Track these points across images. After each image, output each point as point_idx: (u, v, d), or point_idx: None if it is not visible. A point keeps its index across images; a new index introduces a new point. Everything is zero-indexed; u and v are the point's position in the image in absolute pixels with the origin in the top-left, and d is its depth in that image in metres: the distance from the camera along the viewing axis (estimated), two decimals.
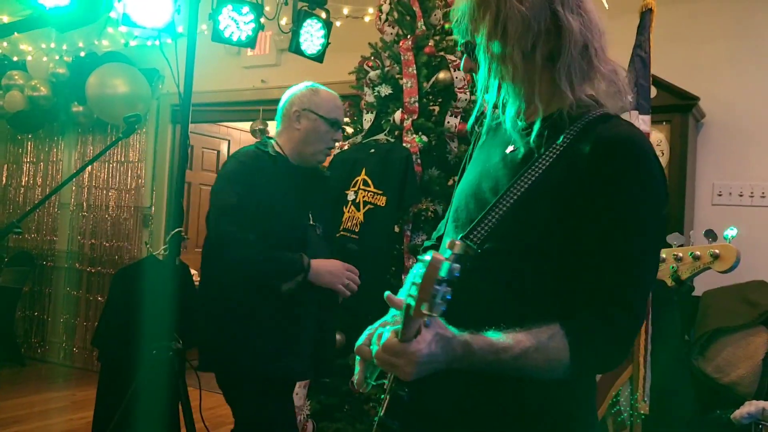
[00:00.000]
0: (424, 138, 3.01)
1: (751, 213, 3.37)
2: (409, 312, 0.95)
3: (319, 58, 3.21)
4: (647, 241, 1.11)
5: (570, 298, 1.10)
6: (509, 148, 1.22)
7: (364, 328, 1.26)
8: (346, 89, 3.73)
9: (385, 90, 3.16)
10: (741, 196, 3.41)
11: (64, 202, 6.09)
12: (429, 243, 1.54)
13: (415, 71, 3.08)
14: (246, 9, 2.90)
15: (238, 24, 2.89)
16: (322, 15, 3.21)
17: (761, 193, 3.37)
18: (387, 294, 1.08)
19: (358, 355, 1.19)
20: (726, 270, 2.10)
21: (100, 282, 5.85)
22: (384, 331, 1.05)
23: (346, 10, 4.26)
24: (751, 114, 3.41)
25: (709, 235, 2.14)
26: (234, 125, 6.55)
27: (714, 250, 2.11)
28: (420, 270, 0.92)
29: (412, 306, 0.93)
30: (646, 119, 2.78)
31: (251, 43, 2.95)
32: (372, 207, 2.91)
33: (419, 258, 1.50)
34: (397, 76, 3.18)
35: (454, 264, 0.91)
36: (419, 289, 0.91)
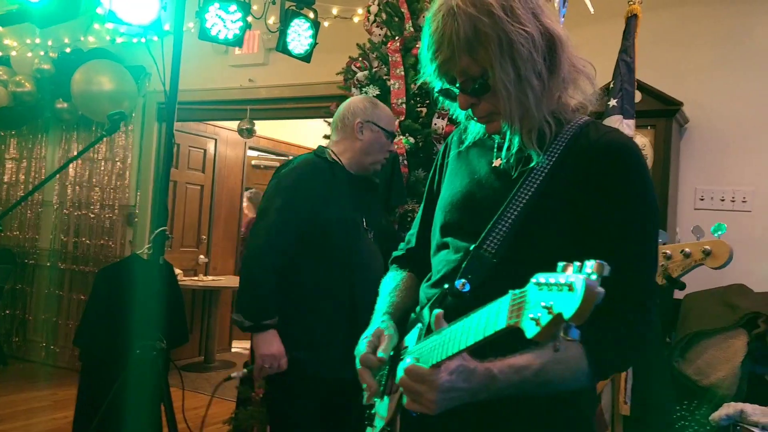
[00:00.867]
0: (411, 139, 3.02)
1: (733, 217, 3.41)
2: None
3: (306, 58, 3.20)
4: (652, 242, 1.15)
5: None
6: (496, 162, 1.24)
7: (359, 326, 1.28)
8: (333, 89, 3.73)
9: (372, 91, 3.16)
10: (723, 200, 3.45)
11: (47, 199, 6.04)
12: (398, 254, 1.55)
13: (402, 73, 3.09)
14: (233, 7, 2.89)
15: (225, 22, 2.88)
16: (310, 15, 3.21)
17: (742, 198, 3.41)
18: (436, 313, 1.06)
19: (364, 365, 1.21)
20: (719, 266, 2.07)
21: (82, 281, 5.81)
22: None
23: (334, 11, 4.26)
24: (734, 120, 3.45)
25: (697, 231, 2.13)
26: (221, 124, 6.53)
27: (706, 247, 2.08)
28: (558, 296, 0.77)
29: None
30: (630, 123, 2.81)
31: (238, 41, 2.95)
32: None
33: (391, 268, 1.51)
34: (384, 78, 3.18)
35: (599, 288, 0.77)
36: (573, 316, 0.75)
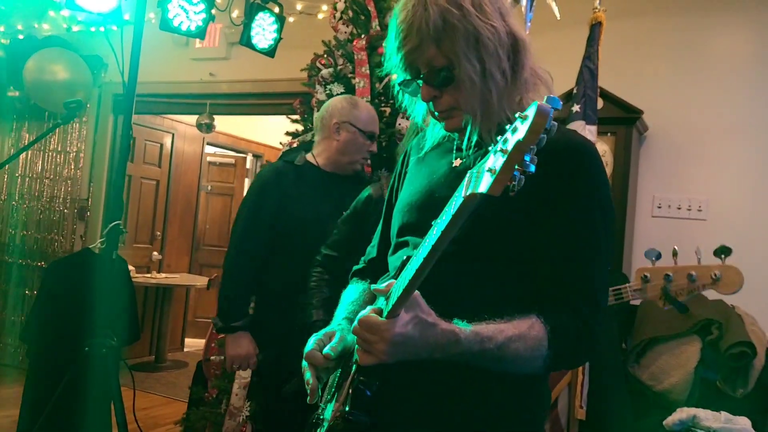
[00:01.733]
0: None
1: (689, 226, 3.48)
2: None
3: (270, 52, 3.15)
4: (606, 237, 1.15)
5: (535, 295, 1.12)
6: (456, 162, 1.23)
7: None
8: (297, 86, 3.68)
9: (337, 89, 3.12)
10: (679, 209, 3.52)
11: None
12: (358, 267, 1.53)
13: (368, 71, 3.06)
14: None
15: (188, 13, 2.81)
16: (275, 9, 3.15)
17: (698, 207, 3.48)
18: (373, 287, 1.06)
19: (308, 362, 1.18)
20: (731, 292, 1.96)
21: (30, 275, 5.61)
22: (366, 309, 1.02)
23: (299, 6, 4.21)
24: (691, 129, 3.52)
25: (698, 253, 2.00)
26: (179, 118, 6.39)
27: (716, 272, 1.95)
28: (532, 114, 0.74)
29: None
30: (592, 129, 2.84)
31: (201, 33, 2.88)
32: None
33: (351, 281, 1.48)
34: (349, 75, 3.14)
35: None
36: (527, 135, 0.74)
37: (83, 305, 2.54)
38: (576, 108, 2.85)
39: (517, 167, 0.75)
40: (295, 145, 3.18)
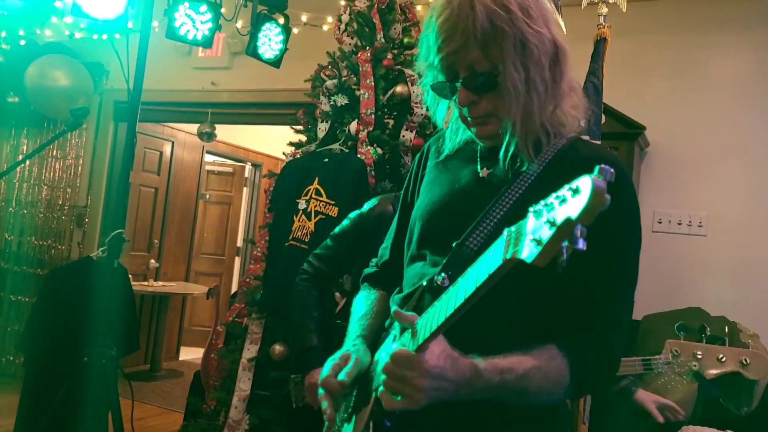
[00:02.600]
0: (379, 150, 2.99)
1: (689, 241, 3.49)
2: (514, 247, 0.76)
3: (276, 63, 3.15)
4: (634, 264, 1.13)
5: (559, 318, 1.09)
6: (483, 171, 1.20)
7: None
8: (299, 97, 3.68)
9: (341, 100, 3.12)
10: (680, 224, 3.52)
11: None
12: (370, 271, 1.49)
13: (372, 83, 3.06)
14: (204, 8, 2.82)
15: (194, 22, 2.81)
16: (281, 20, 3.15)
17: (699, 222, 3.49)
18: (394, 310, 1.01)
19: (325, 389, 1.14)
20: (759, 378, 1.98)
21: (26, 282, 5.57)
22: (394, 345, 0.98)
23: (304, 18, 4.22)
24: (693, 145, 3.54)
25: (752, 338, 2.05)
26: (179, 126, 6.38)
27: (745, 358, 1.97)
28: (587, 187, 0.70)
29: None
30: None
31: (208, 42, 2.87)
32: (323, 217, 2.85)
33: (362, 287, 1.44)
34: (353, 87, 3.15)
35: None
36: (581, 216, 0.69)
37: (82, 315, 2.52)
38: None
39: (566, 243, 0.71)
40: (299, 155, 3.18)
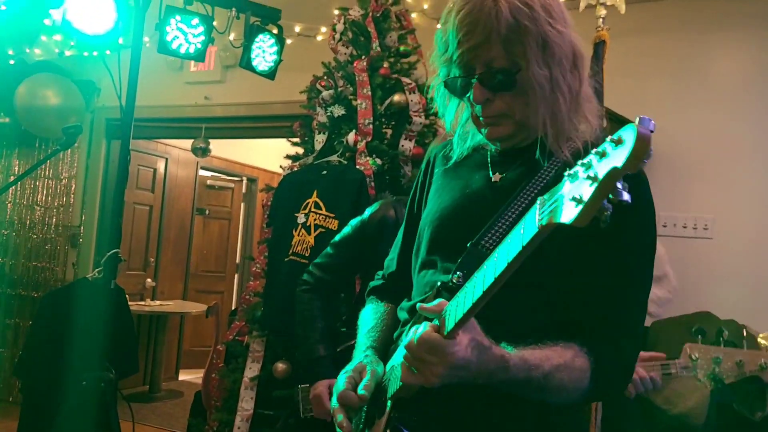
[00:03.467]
0: (378, 160, 2.94)
1: (695, 244, 3.44)
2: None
3: (270, 75, 3.10)
4: (649, 273, 1.11)
5: (578, 323, 1.06)
6: (495, 176, 1.17)
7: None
8: (293, 109, 3.64)
9: (338, 110, 3.07)
10: (685, 227, 3.48)
11: None
12: (376, 284, 1.45)
13: (369, 92, 3.01)
14: (196, 21, 2.77)
15: (186, 36, 2.75)
16: (274, 31, 3.11)
17: (704, 226, 3.44)
18: (419, 306, 0.97)
19: (341, 403, 1.10)
20: None
21: (21, 305, 5.48)
22: (422, 325, 0.94)
23: (297, 28, 4.18)
24: (696, 147, 3.49)
25: (743, 341, 2.05)
26: (172, 143, 6.32)
27: (765, 360, 1.96)
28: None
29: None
30: None
31: (200, 56, 2.82)
32: (323, 231, 2.79)
33: (368, 300, 1.41)
34: (350, 97, 3.10)
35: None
36: (627, 162, 0.66)
37: (81, 337, 2.46)
38: None
39: (610, 197, 0.67)
40: (296, 168, 3.12)
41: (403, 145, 3.00)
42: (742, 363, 1.99)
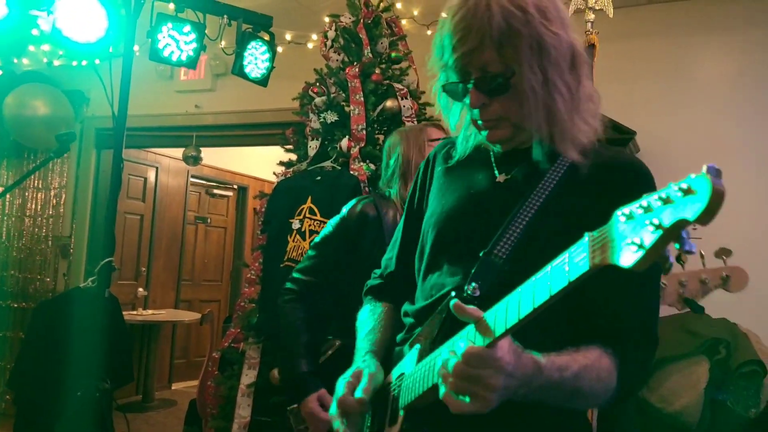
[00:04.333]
0: (372, 166, 2.95)
1: None
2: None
3: (263, 81, 3.10)
4: (660, 271, 1.13)
5: (597, 325, 1.06)
6: (500, 177, 1.17)
7: None
8: (285, 116, 3.65)
9: (331, 117, 3.08)
10: None
11: None
12: (374, 283, 1.44)
13: (362, 98, 3.02)
14: (188, 28, 2.77)
15: (178, 43, 2.76)
16: (266, 38, 3.12)
17: (692, 227, 3.46)
18: (454, 302, 0.92)
19: (341, 408, 1.10)
20: (740, 290, 2.11)
21: (11, 317, 5.43)
22: (458, 344, 0.90)
23: (288, 36, 4.19)
24: (683, 149, 3.53)
25: (724, 253, 2.15)
26: (163, 151, 6.30)
27: (724, 274, 2.09)
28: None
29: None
30: None
31: (192, 63, 2.82)
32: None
33: (366, 300, 1.39)
34: (342, 103, 3.11)
35: None
36: (700, 217, 0.64)
37: (75, 347, 2.44)
38: None
39: (676, 246, 0.66)
40: (290, 174, 3.13)
41: None
42: (705, 280, 2.11)
